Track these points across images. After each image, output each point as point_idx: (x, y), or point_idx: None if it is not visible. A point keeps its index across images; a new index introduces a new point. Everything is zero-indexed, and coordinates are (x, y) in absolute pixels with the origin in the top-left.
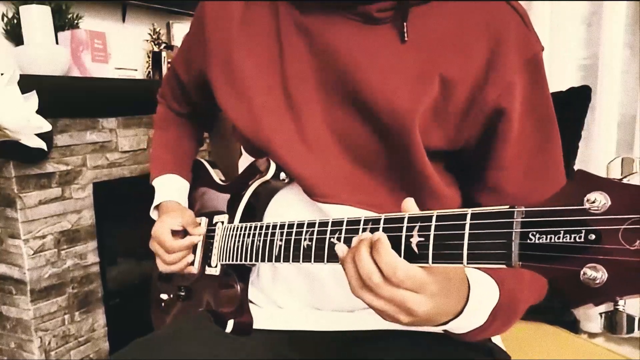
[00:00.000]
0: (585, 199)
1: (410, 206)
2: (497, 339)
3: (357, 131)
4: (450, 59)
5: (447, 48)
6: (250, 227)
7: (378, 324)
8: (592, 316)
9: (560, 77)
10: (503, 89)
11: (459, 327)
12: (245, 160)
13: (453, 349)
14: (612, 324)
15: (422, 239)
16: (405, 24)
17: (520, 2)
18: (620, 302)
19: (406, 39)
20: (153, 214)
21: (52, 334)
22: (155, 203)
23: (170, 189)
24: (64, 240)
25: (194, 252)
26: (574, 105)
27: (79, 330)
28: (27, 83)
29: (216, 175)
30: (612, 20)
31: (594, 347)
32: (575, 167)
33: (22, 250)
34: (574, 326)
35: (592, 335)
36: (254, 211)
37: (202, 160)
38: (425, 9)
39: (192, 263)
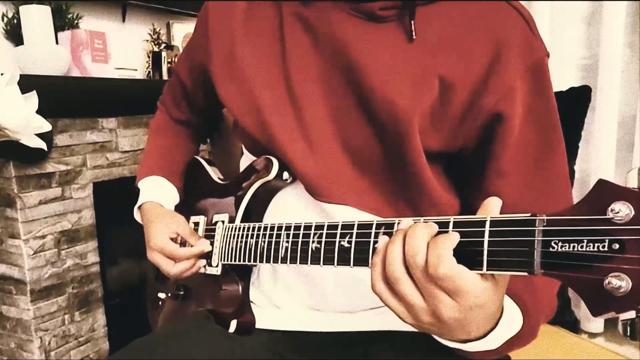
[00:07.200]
0: (610, 209)
1: (493, 206)
2: None
3: (357, 129)
4: (451, 61)
5: (448, 50)
6: (254, 228)
7: (378, 325)
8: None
9: (560, 77)
10: (503, 94)
11: (471, 346)
12: (246, 159)
13: (452, 350)
14: (633, 331)
15: None
16: (412, 22)
17: (520, 1)
18: None
19: (414, 37)
20: (136, 215)
21: (52, 334)
22: (138, 203)
23: (156, 190)
24: (64, 240)
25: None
26: (574, 105)
27: (79, 330)
28: (27, 83)
29: (214, 174)
30: (612, 20)
31: (594, 347)
32: (576, 167)
33: (22, 250)
34: (574, 326)
35: (592, 335)
36: (255, 211)
37: (199, 158)
38: (429, 10)
39: (209, 263)
